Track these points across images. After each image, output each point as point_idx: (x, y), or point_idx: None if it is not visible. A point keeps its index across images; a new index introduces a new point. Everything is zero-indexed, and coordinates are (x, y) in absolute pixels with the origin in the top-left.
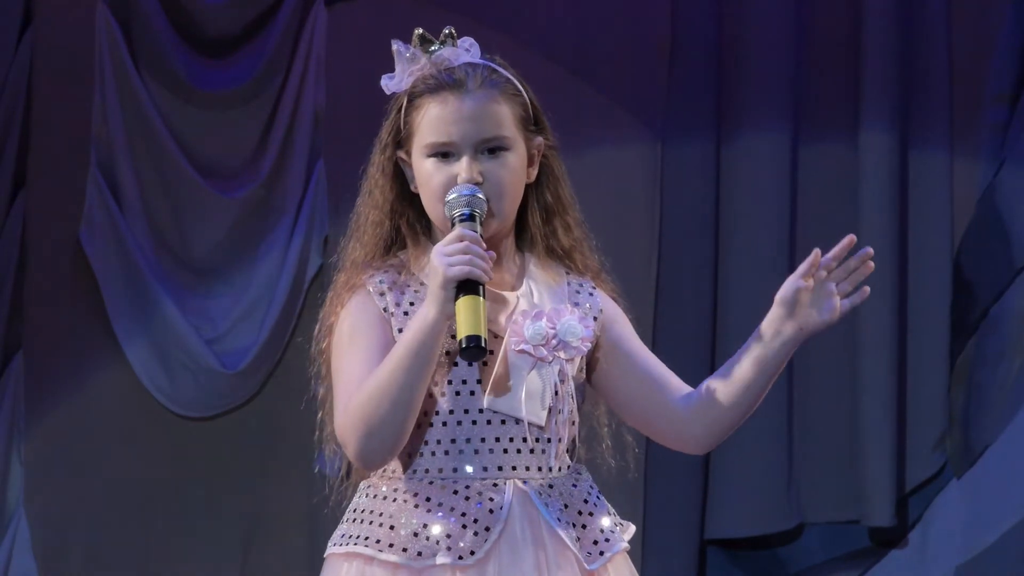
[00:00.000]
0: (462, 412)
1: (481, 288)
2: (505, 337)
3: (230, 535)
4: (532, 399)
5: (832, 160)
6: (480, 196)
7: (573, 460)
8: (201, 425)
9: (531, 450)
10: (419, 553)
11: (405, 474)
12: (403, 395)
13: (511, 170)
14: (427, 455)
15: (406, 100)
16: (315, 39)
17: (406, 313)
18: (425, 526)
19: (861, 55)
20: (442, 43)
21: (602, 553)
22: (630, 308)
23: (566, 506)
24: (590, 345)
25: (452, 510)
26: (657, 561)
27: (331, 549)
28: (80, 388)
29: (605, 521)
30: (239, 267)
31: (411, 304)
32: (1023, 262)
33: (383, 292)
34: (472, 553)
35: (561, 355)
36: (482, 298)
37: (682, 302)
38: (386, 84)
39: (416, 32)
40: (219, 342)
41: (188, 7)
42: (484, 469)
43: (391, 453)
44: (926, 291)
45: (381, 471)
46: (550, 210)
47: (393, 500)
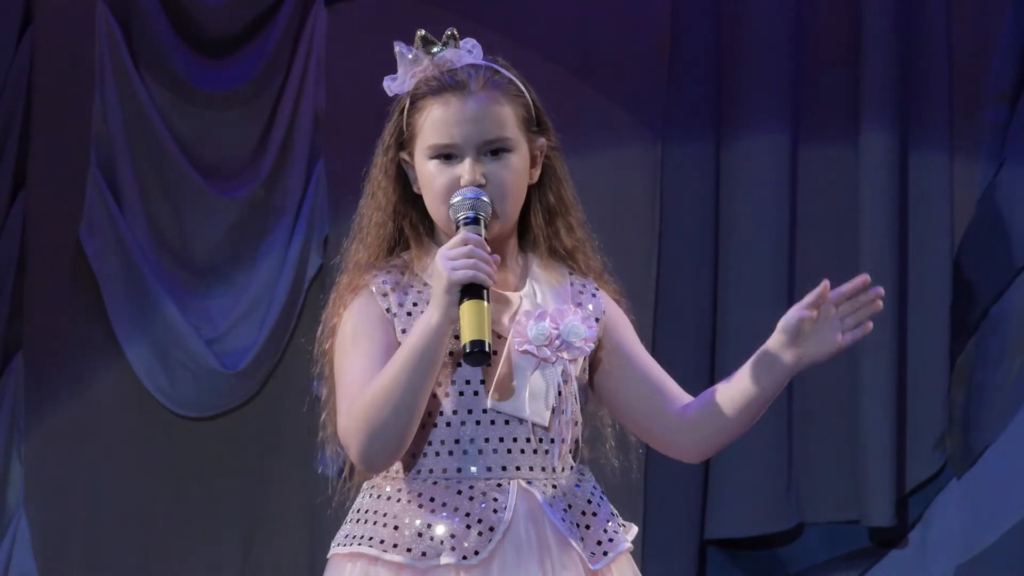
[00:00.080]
0: (466, 412)
1: (485, 292)
2: (508, 337)
3: (230, 535)
4: (536, 399)
5: (832, 160)
6: (485, 199)
7: (576, 461)
8: (201, 425)
9: (535, 450)
10: (423, 553)
11: (409, 474)
12: (406, 399)
13: (514, 171)
14: (431, 455)
15: (408, 102)
16: (315, 39)
17: (409, 314)
18: (429, 526)
19: (861, 55)
20: (444, 44)
21: (606, 553)
22: (631, 308)
23: (570, 506)
24: (593, 345)
25: (456, 510)
26: (657, 561)
27: (335, 549)
28: (80, 388)
29: (608, 522)
30: (239, 267)
31: (414, 304)
32: (1023, 262)
33: (386, 293)
34: (476, 553)
35: (564, 356)
36: (486, 303)
37: (682, 302)
38: (388, 86)
39: (418, 34)
40: (219, 342)
41: (188, 7)
42: (488, 469)
43: (394, 456)
44: (926, 291)
45: (385, 471)
46: (553, 211)
47: (397, 500)
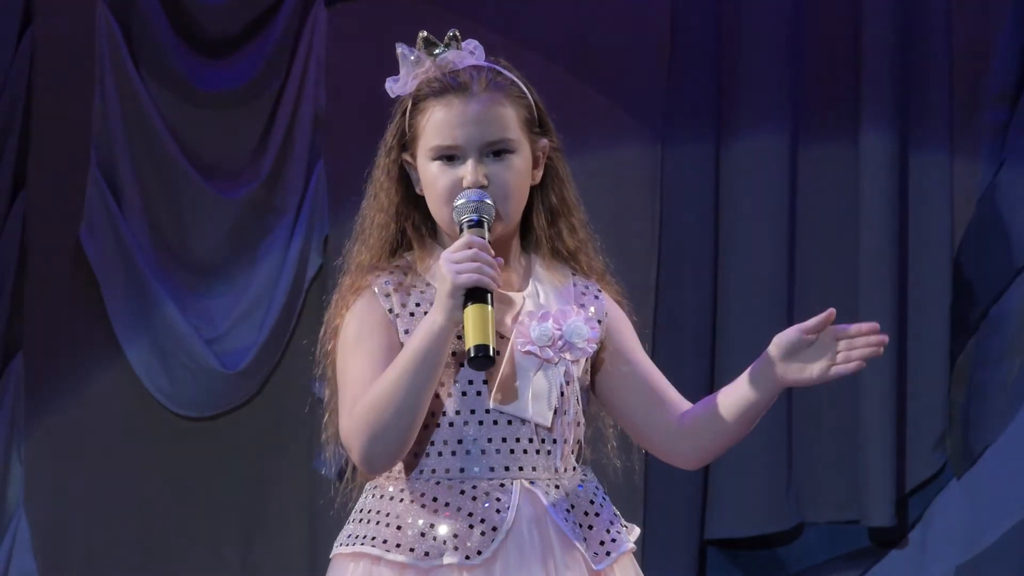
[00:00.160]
0: (469, 413)
1: (489, 296)
2: (511, 338)
3: (230, 535)
4: (538, 400)
5: (832, 160)
6: (488, 202)
7: (579, 461)
8: (201, 425)
9: (537, 451)
10: (426, 553)
11: (412, 474)
12: (408, 401)
13: (516, 172)
14: (434, 455)
15: (411, 103)
16: (315, 39)
17: (412, 314)
18: (432, 526)
19: (861, 55)
20: (446, 46)
21: (608, 553)
22: (633, 310)
23: (572, 507)
24: (595, 347)
25: (459, 510)
26: (657, 561)
27: (337, 549)
28: (80, 388)
29: (611, 522)
30: (239, 267)
31: (416, 305)
32: (1023, 262)
33: (388, 293)
34: (479, 553)
35: (567, 356)
36: (490, 306)
37: (682, 302)
38: (390, 87)
39: (420, 35)
40: (219, 342)
41: (188, 7)
42: (491, 469)
43: (395, 457)
44: (926, 291)
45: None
46: (555, 212)
47: (400, 500)
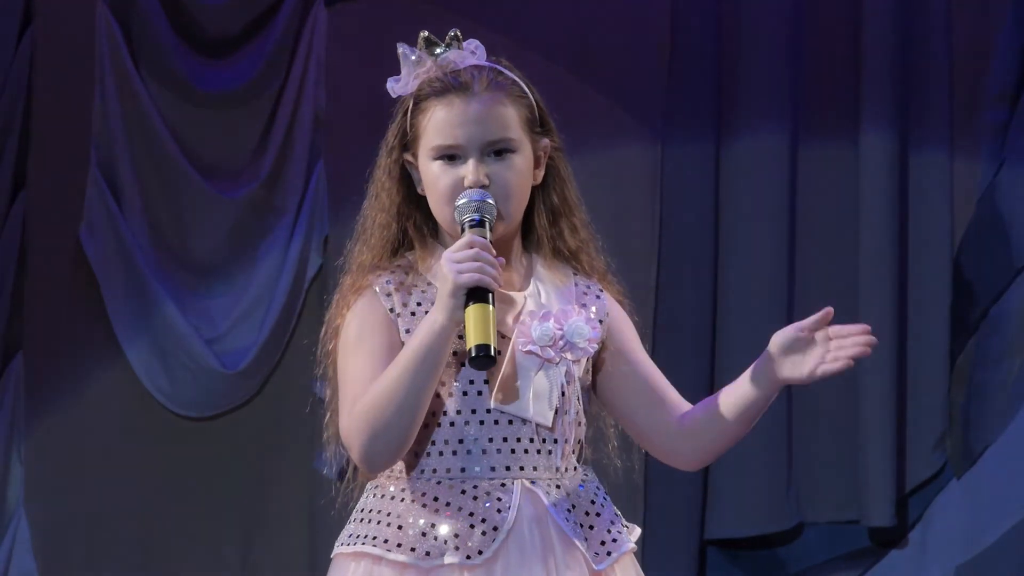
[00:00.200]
0: (470, 412)
1: (491, 295)
2: (512, 338)
3: (230, 535)
4: (539, 400)
5: (832, 160)
6: (490, 202)
7: (580, 461)
8: (201, 425)
9: (538, 451)
10: (427, 553)
11: (412, 474)
12: (409, 400)
13: (517, 172)
14: (435, 455)
15: (412, 103)
16: (315, 39)
17: (413, 314)
18: (433, 526)
19: (861, 55)
20: (448, 46)
21: (609, 553)
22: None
23: (573, 507)
24: (597, 346)
25: (460, 510)
26: (657, 561)
27: (338, 549)
28: (80, 388)
29: (612, 522)
30: (239, 267)
31: (418, 304)
32: (1023, 262)
33: (390, 293)
34: (480, 552)
35: (568, 356)
36: (491, 306)
37: (682, 302)
38: (392, 87)
39: (421, 35)
40: (219, 342)
41: (188, 7)
42: (492, 469)
43: (395, 457)
44: (926, 291)
45: (388, 471)
46: (556, 211)
47: (401, 500)
